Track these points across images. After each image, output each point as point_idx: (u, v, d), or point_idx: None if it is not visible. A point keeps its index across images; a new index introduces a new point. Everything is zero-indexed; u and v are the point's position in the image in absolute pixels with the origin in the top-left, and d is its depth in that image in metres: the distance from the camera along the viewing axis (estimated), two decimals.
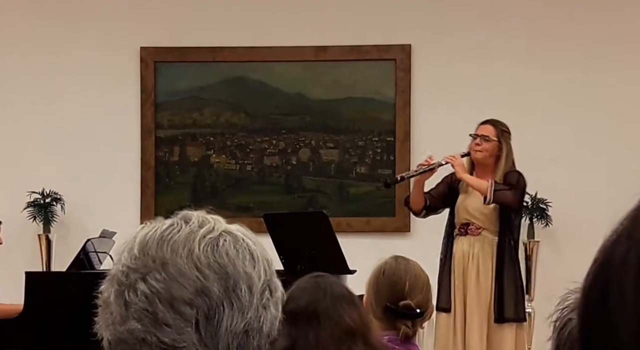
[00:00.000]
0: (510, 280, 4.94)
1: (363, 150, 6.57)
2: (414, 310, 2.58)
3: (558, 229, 6.32)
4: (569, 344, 1.33)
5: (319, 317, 1.96)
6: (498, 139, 4.96)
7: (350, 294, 2.07)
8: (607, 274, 0.69)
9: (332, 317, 1.99)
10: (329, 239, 4.92)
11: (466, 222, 4.98)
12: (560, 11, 6.43)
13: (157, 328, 1.11)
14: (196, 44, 6.53)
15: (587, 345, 0.70)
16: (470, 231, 4.96)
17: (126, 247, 1.16)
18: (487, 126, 5.01)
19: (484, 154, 4.97)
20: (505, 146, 4.97)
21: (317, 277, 2.10)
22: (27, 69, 6.54)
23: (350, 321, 1.99)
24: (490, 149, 4.96)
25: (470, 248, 4.94)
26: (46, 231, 6.43)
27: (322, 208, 6.20)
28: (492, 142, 4.96)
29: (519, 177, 4.97)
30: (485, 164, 4.99)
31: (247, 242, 1.16)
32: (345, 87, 6.54)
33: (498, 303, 4.88)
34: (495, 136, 4.96)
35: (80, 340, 4.22)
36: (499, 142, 4.96)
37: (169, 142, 6.63)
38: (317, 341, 1.93)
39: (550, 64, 6.40)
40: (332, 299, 2.02)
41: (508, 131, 5.03)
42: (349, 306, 2.03)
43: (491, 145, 4.96)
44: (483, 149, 4.96)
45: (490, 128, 4.99)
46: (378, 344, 2.03)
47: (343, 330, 1.97)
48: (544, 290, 6.06)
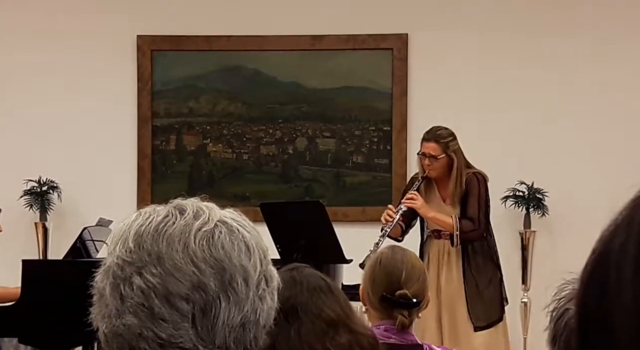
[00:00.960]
0: (482, 283, 4.96)
1: (360, 139, 6.57)
2: (411, 299, 2.58)
3: (554, 219, 6.33)
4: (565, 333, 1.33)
5: (298, 312, 1.94)
6: (445, 153, 4.97)
7: (327, 284, 2.04)
8: (606, 265, 0.69)
9: (311, 310, 1.97)
10: (325, 228, 4.93)
11: (438, 229, 5.04)
12: (560, 2, 6.42)
13: (153, 323, 1.10)
14: (193, 32, 6.51)
15: (584, 336, 0.70)
16: (444, 236, 5.01)
17: (120, 237, 1.15)
18: (431, 144, 5.01)
19: (438, 171, 5.03)
20: (456, 157, 4.99)
21: (292, 271, 2.06)
22: (23, 57, 6.52)
23: (330, 312, 1.97)
24: (441, 166, 5.01)
25: (445, 250, 5.01)
26: (43, 219, 6.43)
27: (319, 197, 6.21)
28: (441, 159, 4.98)
29: (479, 186, 4.98)
30: (442, 176, 5.03)
31: (242, 232, 1.16)
32: (342, 77, 6.53)
33: (473, 311, 4.90)
34: (442, 153, 4.98)
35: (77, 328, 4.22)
36: (448, 156, 4.98)
37: (166, 130, 6.62)
38: (299, 337, 1.92)
39: (548, 54, 6.40)
40: (310, 291, 2.00)
41: (452, 137, 5.02)
42: (327, 297, 2.01)
43: (441, 162, 5.00)
44: (434, 168, 5.00)
45: (434, 146, 5.00)
46: (362, 329, 2.01)
47: (324, 322, 1.96)
48: (540, 280, 6.07)
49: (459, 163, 4.98)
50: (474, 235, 4.97)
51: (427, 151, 5.00)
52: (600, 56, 6.37)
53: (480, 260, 5.00)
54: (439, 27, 6.45)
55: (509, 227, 6.18)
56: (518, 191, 6.27)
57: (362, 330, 2.00)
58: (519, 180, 6.26)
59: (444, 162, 5.00)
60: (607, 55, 6.37)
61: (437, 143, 4.98)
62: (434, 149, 4.98)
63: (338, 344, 1.94)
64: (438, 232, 5.05)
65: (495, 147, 6.22)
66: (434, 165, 4.98)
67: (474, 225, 4.94)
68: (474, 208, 4.95)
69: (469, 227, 4.93)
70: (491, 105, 6.37)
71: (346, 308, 2.03)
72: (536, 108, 6.39)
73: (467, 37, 6.43)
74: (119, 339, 1.12)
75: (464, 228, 4.92)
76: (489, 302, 4.95)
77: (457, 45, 6.43)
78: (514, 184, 6.25)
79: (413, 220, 5.15)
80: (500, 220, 5.90)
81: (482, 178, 5.03)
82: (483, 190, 5.01)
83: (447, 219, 4.96)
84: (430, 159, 4.98)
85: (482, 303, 4.93)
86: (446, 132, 5.03)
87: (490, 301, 4.96)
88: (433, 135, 5.02)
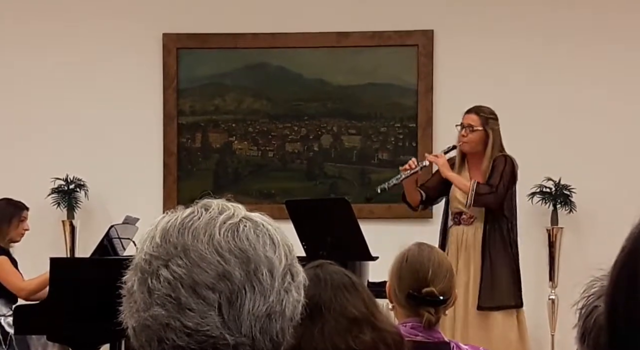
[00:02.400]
0: (503, 267, 4.92)
1: (385, 136, 6.56)
2: (437, 297, 2.57)
3: (582, 216, 6.29)
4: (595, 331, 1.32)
5: (322, 311, 1.93)
6: (483, 128, 4.94)
7: (351, 281, 2.03)
8: (635, 262, 0.68)
9: (335, 308, 1.96)
10: (350, 226, 4.92)
11: (459, 211, 5.00)
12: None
13: (180, 313, 1.12)
14: (218, 30, 6.53)
15: (614, 333, 0.70)
16: (463, 221, 4.98)
17: (148, 236, 1.17)
18: (471, 115, 4.98)
19: (471, 145, 4.98)
20: (492, 133, 4.95)
21: (316, 268, 2.05)
22: (51, 55, 6.57)
23: (354, 310, 1.97)
24: (476, 139, 4.96)
25: (464, 237, 4.97)
26: (70, 217, 6.48)
27: (344, 194, 6.20)
28: (478, 131, 4.94)
29: (504, 167, 4.94)
30: (475, 153, 4.99)
31: (267, 227, 1.17)
32: (367, 73, 6.52)
33: (483, 291, 4.86)
34: (480, 125, 4.94)
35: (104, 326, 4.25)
36: (485, 130, 4.94)
37: (191, 128, 6.64)
38: (322, 335, 1.91)
39: (576, 46, 6.35)
40: (333, 289, 1.99)
41: (494, 116, 5.00)
42: (351, 294, 2.00)
43: (477, 134, 4.95)
44: (469, 140, 4.96)
45: (474, 117, 4.97)
46: (387, 326, 2.00)
47: (348, 320, 1.95)
48: (567, 276, 6.04)
49: (494, 141, 4.94)
50: (489, 199, 4.89)
51: (465, 122, 4.97)
52: (630, 55, 6.31)
53: (501, 248, 4.95)
54: (464, 24, 6.42)
55: (536, 223, 6.15)
56: (545, 187, 6.23)
57: (386, 327, 1.99)
58: (546, 176, 6.22)
59: (480, 136, 4.94)
60: (637, 53, 6.31)
61: (478, 115, 4.97)
62: (473, 119, 4.96)
63: (362, 341, 1.93)
64: (459, 216, 4.99)
65: (522, 144, 6.17)
66: (469, 136, 4.94)
67: (490, 189, 4.90)
68: (495, 178, 4.92)
69: (485, 190, 4.89)
70: (518, 102, 6.33)
71: (370, 305, 2.02)
72: (564, 104, 6.34)
73: (493, 33, 6.40)
74: (147, 331, 1.13)
75: (479, 189, 4.88)
76: (500, 287, 4.90)
77: (482, 41, 6.40)
78: (541, 181, 6.22)
79: (438, 197, 5.09)
80: (527, 217, 5.87)
81: (510, 160, 4.99)
82: (508, 168, 4.96)
83: (464, 181, 4.93)
84: (467, 129, 4.94)
85: (493, 286, 4.88)
86: (489, 109, 5.02)
87: (502, 286, 4.90)
88: (475, 108, 5.02)
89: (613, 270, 0.70)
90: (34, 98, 6.59)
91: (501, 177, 4.92)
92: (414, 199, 5.06)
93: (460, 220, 4.99)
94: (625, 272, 0.69)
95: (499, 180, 4.91)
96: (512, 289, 4.93)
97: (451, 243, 5.00)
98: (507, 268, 4.95)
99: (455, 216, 5.02)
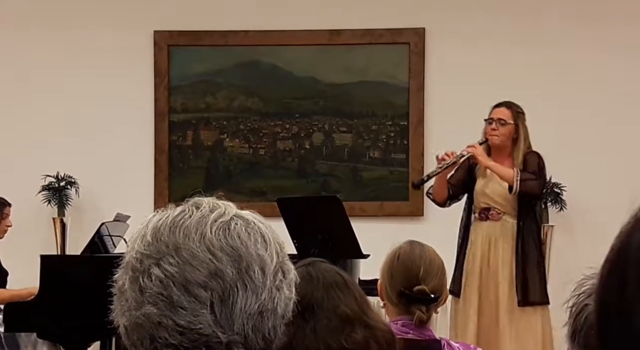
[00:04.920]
0: (534, 263, 4.91)
1: (376, 134, 6.56)
2: (429, 295, 2.58)
3: (572, 214, 6.31)
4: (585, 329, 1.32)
5: (314, 309, 1.93)
6: (514, 122, 4.91)
7: (343, 279, 2.03)
8: (625, 261, 0.69)
9: (327, 307, 1.96)
10: (342, 223, 4.92)
11: (486, 206, 4.93)
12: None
13: (172, 311, 1.12)
14: (210, 27, 6.52)
15: (603, 331, 0.70)
16: (492, 216, 4.91)
17: (139, 234, 1.17)
18: (502, 109, 4.95)
19: (502, 138, 4.92)
20: (522, 128, 4.93)
21: (308, 266, 2.04)
22: (41, 52, 6.55)
23: (346, 308, 1.96)
24: (507, 133, 4.91)
25: (493, 233, 4.91)
26: (61, 214, 6.46)
27: (335, 192, 6.21)
28: (509, 125, 4.91)
29: (539, 160, 4.92)
30: (503, 148, 4.95)
31: (258, 225, 1.17)
32: (359, 71, 6.52)
33: (522, 287, 4.84)
34: (511, 119, 4.91)
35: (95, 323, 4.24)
36: (516, 125, 4.92)
37: (183, 126, 6.63)
38: (315, 334, 1.91)
39: (567, 47, 6.37)
40: (325, 287, 1.99)
41: (523, 112, 4.98)
42: (343, 293, 2.00)
43: (508, 128, 4.91)
44: (500, 133, 4.90)
45: (505, 111, 4.93)
46: (378, 324, 2.00)
47: (340, 319, 1.95)
48: (557, 275, 6.05)
49: (525, 136, 4.92)
50: (534, 185, 4.84)
51: (496, 116, 4.93)
52: (621, 55, 6.33)
53: (532, 242, 4.92)
54: (456, 22, 6.43)
55: None
56: None
57: (378, 325, 1.99)
58: None
59: (510, 130, 4.91)
60: (626, 49, 6.33)
61: (509, 108, 4.93)
62: (505, 113, 4.92)
63: (354, 340, 1.93)
64: (486, 211, 4.93)
65: None
66: (500, 130, 4.90)
67: (535, 175, 4.87)
68: (533, 167, 4.88)
69: (530, 176, 4.85)
70: (509, 99, 6.33)
71: (362, 303, 2.02)
72: (555, 103, 6.36)
73: (484, 32, 6.41)
74: (139, 330, 1.13)
75: (524, 176, 4.83)
76: (532, 284, 4.89)
77: (474, 39, 6.41)
78: None
79: (461, 194, 5.05)
80: None
81: (541, 157, 4.97)
82: (542, 162, 4.95)
83: (507, 170, 4.85)
84: (497, 123, 4.90)
85: (525, 283, 4.86)
86: (519, 106, 5.00)
87: (533, 283, 4.90)
88: (506, 102, 4.98)
89: (603, 269, 0.71)
90: (25, 95, 6.57)
91: (539, 167, 4.89)
92: (442, 195, 4.99)
93: (488, 216, 4.93)
94: (614, 271, 0.69)
95: (538, 169, 4.89)
96: (542, 287, 4.93)
97: (477, 237, 4.94)
98: (538, 264, 4.94)
99: (482, 212, 4.95)
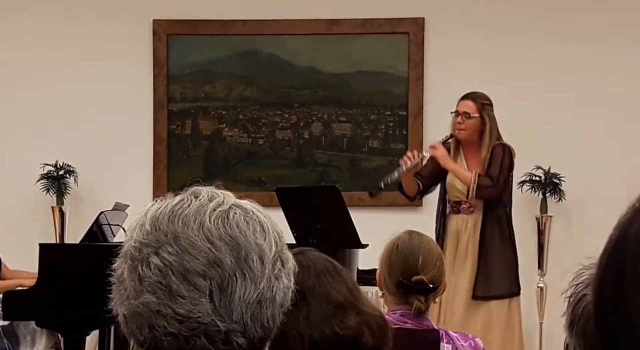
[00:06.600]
0: (499, 254, 4.91)
1: (375, 124, 6.56)
2: (427, 285, 2.58)
3: (571, 204, 6.31)
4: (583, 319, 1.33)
5: (306, 297, 1.94)
6: (480, 114, 4.90)
7: (334, 266, 2.05)
8: (623, 251, 0.69)
9: (319, 294, 1.97)
10: (341, 213, 4.93)
11: (458, 200, 4.97)
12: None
13: (171, 300, 1.12)
14: (209, 17, 6.51)
15: (601, 321, 0.70)
16: (463, 210, 4.95)
17: (137, 223, 1.17)
18: (467, 102, 4.93)
19: (468, 132, 4.93)
20: (489, 120, 4.91)
21: (297, 255, 2.06)
22: (40, 42, 6.54)
23: (337, 295, 1.98)
24: (472, 126, 4.91)
25: (464, 226, 4.94)
26: (59, 203, 6.46)
27: (334, 182, 6.21)
28: (474, 118, 4.90)
29: (502, 157, 4.91)
30: (471, 141, 4.96)
31: (257, 214, 1.17)
32: (358, 61, 6.51)
33: (479, 280, 4.85)
34: (476, 112, 4.90)
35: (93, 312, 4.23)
36: (481, 117, 4.90)
37: (182, 115, 6.63)
38: (308, 321, 1.92)
39: (566, 37, 6.36)
40: (316, 275, 2.00)
41: (489, 103, 4.95)
42: (334, 279, 2.01)
43: (473, 121, 4.90)
44: (466, 127, 4.90)
45: (470, 103, 4.92)
46: (370, 310, 2.01)
47: (332, 305, 1.96)
48: (556, 265, 6.06)
49: (492, 128, 4.90)
50: (491, 192, 4.87)
51: (461, 109, 4.91)
52: (619, 40, 6.33)
53: (498, 236, 4.94)
54: (455, 11, 6.42)
55: (525, 212, 6.16)
56: (535, 176, 6.25)
57: (370, 311, 2.00)
58: (535, 165, 6.24)
59: (476, 123, 4.89)
60: (626, 38, 6.32)
61: (474, 101, 4.91)
62: (469, 106, 4.90)
63: (347, 326, 1.94)
64: (457, 205, 4.96)
65: (512, 132, 6.18)
66: (465, 123, 4.89)
67: (492, 182, 4.87)
68: (495, 168, 4.88)
69: (487, 183, 4.86)
70: (508, 90, 6.34)
71: (354, 289, 2.03)
72: (554, 93, 6.35)
73: (484, 22, 6.40)
74: (137, 318, 1.14)
75: (481, 182, 4.85)
76: (495, 277, 4.90)
77: (473, 29, 6.40)
78: (531, 169, 6.23)
79: (433, 185, 5.06)
80: (517, 205, 5.88)
81: (508, 149, 4.95)
82: (507, 158, 4.93)
83: (465, 172, 4.87)
84: (463, 116, 4.89)
85: (488, 277, 4.88)
86: (484, 95, 4.96)
87: (498, 276, 4.90)
88: (470, 94, 4.95)
89: (601, 259, 0.71)
90: (23, 84, 6.56)
91: (500, 169, 4.89)
92: (412, 189, 5.01)
93: (460, 209, 4.96)
94: (613, 261, 0.70)
95: (498, 172, 4.88)
96: (507, 278, 4.93)
97: (450, 230, 4.97)
98: (504, 257, 4.94)
99: (454, 205, 4.98)
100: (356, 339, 1.93)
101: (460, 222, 4.95)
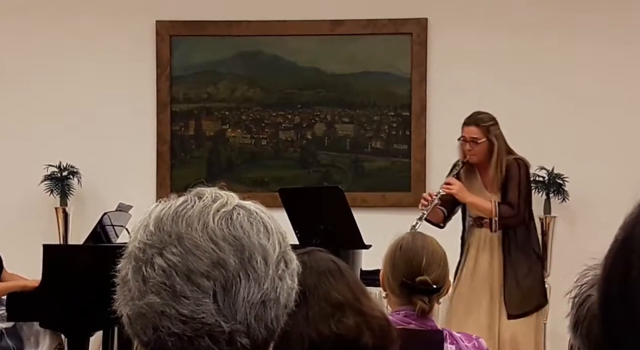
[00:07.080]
0: (521, 272, 4.89)
1: (378, 124, 6.56)
2: (431, 286, 2.58)
3: (575, 205, 6.30)
4: (588, 320, 1.33)
5: (306, 296, 1.95)
6: (487, 138, 4.89)
7: (337, 267, 2.04)
8: (629, 251, 0.68)
9: (318, 294, 1.97)
10: (344, 214, 4.93)
11: (478, 216, 4.96)
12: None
13: (175, 301, 1.12)
14: (212, 17, 6.52)
15: (607, 322, 0.70)
16: (485, 224, 4.93)
17: (141, 224, 1.17)
18: (472, 128, 4.91)
19: (479, 157, 4.92)
20: (496, 141, 4.90)
21: (303, 255, 2.05)
22: (43, 42, 6.55)
23: (337, 295, 1.98)
24: (482, 151, 4.90)
25: (486, 238, 4.93)
26: (63, 204, 6.47)
27: (337, 183, 6.20)
28: (482, 143, 4.90)
29: (519, 178, 4.89)
30: (484, 161, 4.96)
31: (260, 215, 1.18)
32: (361, 62, 6.51)
33: (509, 299, 4.85)
34: (483, 137, 4.88)
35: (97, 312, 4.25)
36: (489, 141, 4.90)
37: (185, 116, 6.63)
38: (307, 321, 1.92)
39: (570, 36, 6.35)
40: (318, 275, 2.00)
41: (494, 122, 4.94)
42: (335, 280, 2.01)
43: (482, 146, 4.89)
44: (475, 153, 4.90)
45: (474, 129, 4.90)
46: (373, 312, 2.01)
47: (332, 306, 1.96)
48: (559, 265, 6.06)
49: (499, 148, 4.88)
50: (513, 221, 4.87)
51: (467, 135, 4.89)
52: (622, 46, 6.32)
53: (521, 249, 4.91)
54: (458, 12, 6.42)
55: None
56: (538, 176, 6.24)
57: (372, 312, 2.00)
58: (539, 165, 6.23)
59: (485, 146, 4.89)
60: (628, 39, 6.32)
61: (478, 127, 4.89)
62: (475, 132, 4.89)
63: (345, 326, 1.94)
64: (480, 220, 4.94)
65: (515, 132, 6.18)
66: (474, 149, 4.88)
67: (513, 210, 4.84)
68: (513, 193, 4.86)
69: (509, 213, 4.84)
70: (511, 90, 6.34)
71: (356, 290, 2.02)
72: (557, 93, 6.35)
73: (487, 22, 6.40)
74: (142, 319, 1.14)
75: (503, 213, 4.83)
76: (526, 292, 4.89)
77: (476, 30, 6.39)
78: (535, 170, 6.22)
79: (456, 207, 5.04)
80: None
81: (523, 163, 4.93)
82: (524, 175, 4.91)
83: (485, 204, 4.85)
84: (471, 143, 4.87)
85: (519, 293, 4.87)
86: (487, 116, 4.94)
87: (527, 291, 4.89)
88: (474, 119, 4.93)
89: (606, 260, 0.71)
90: (27, 85, 6.57)
91: (519, 191, 4.86)
92: (438, 218, 4.99)
93: (482, 223, 4.95)
94: (618, 261, 0.69)
95: (517, 197, 4.85)
96: (537, 293, 4.92)
97: (472, 243, 4.95)
98: (530, 270, 4.92)
99: (477, 220, 4.98)
100: (356, 339, 1.93)
101: (483, 235, 4.94)
